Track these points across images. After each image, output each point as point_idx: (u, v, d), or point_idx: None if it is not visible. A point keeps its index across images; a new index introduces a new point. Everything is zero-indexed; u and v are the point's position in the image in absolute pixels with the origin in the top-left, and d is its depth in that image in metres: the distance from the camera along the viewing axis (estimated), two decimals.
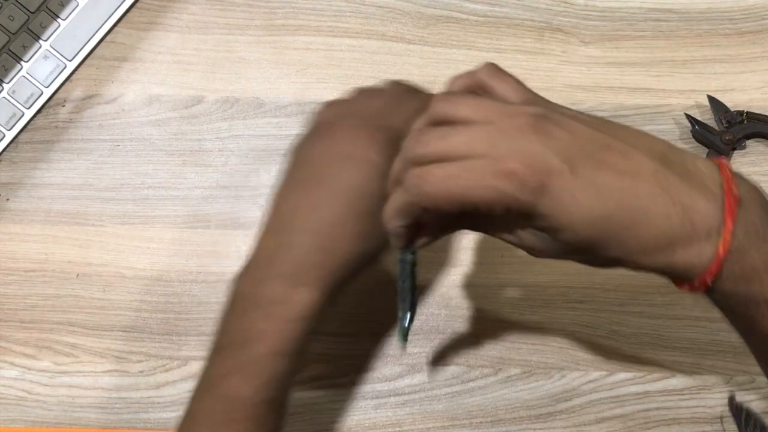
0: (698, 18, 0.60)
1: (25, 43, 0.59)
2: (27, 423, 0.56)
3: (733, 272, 0.35)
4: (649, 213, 0.34)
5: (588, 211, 0.33)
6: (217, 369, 0.42)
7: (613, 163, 0.34)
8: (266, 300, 0.42)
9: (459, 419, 0.55)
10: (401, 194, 0.36)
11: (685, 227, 0.34)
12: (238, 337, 0.42)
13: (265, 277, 0.42)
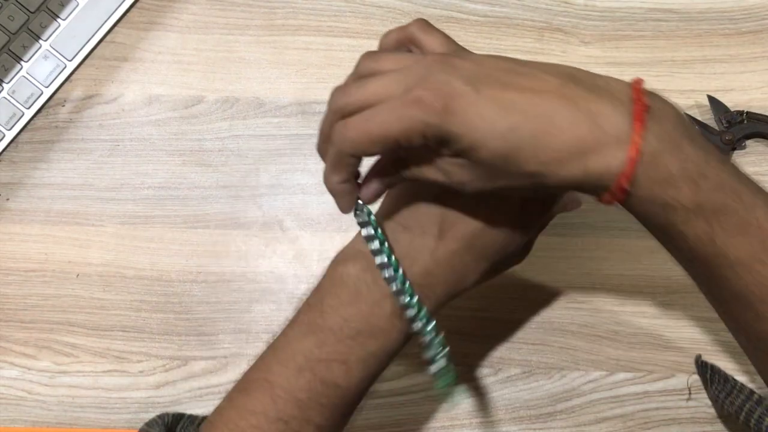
0: (698, 18, 0.60)
1: (25, 43, 0.59)
2: (27, 423, 0.56)
3: (648, 177, 0.35)
4: (555, 121, 0.35)
5: (494, 124, 0.35)
6: (314, 351, 0.41)
7: (517, 82, 0.35)
8: (389, 294, 0.41)
9: (459, 419, 0.55)
10: (331, 149, 0.38)
11: (594, 133, 0.35)
12: (349, 326, 0.41)
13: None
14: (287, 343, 0.42)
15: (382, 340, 0.41)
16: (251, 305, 0.57)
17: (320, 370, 0.41)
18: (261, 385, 0.41)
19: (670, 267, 0.57)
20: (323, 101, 0.59)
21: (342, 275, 0.41)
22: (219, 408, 0.43)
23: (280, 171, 0.59)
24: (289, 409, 0.40)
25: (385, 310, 0.41)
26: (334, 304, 0.41)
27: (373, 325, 0.41)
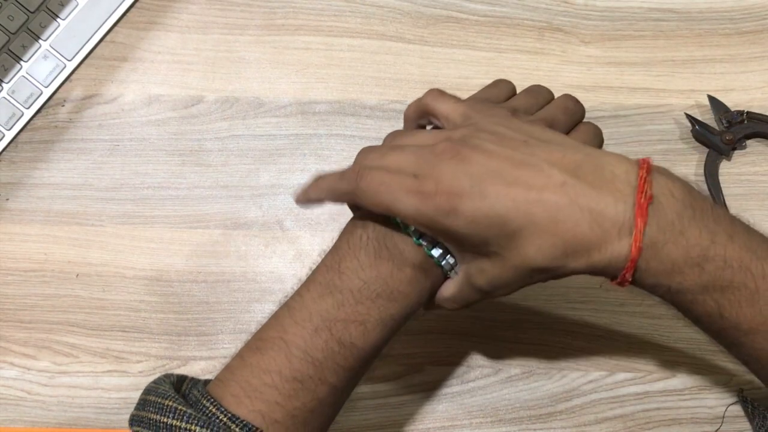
0: (698, 18, 0.60)
1: (24, 43, 0.59)
2: (26, 423, 0.56)
3: (652, 267, 0.38)
4: (558, 220, 0.37)
5: (498, 226, 0.38)
6: (332, 312, 0.41)
7: (523, 180, 0.38)
8: (415, 263, 0.42)
9: (459, 419, 0.55)
10: (343, 181, 0.42)
11: (595, 231, 0.37)
12: (369, 288, 0.41)
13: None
14: (303, 303, 0.42)
15: (401, 303, 0.42)
16: (251, 305, 0.57)
17: (338, 330, 0.41)
18: (276, 344, 0.41)
19: None
20: (323, 101, 0.60)
21: (361, 237, 0.42)
22: (229, 367, 0.43)
23: (280, 171, 0.59)
24: (305, 369, 0.41)
25: (406, 274, 0.41)
26: (352, 266, 0.42)
27: (393, 288, 0.41)
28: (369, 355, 0.42)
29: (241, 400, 0.40)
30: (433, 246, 0.41)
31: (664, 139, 0.59)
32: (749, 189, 0.58)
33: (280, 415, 0.40)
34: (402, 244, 0.42)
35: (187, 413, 0.39)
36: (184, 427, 0.39)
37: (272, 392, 0.40)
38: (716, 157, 0.58)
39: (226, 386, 0.41)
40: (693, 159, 0.58)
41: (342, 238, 0.43)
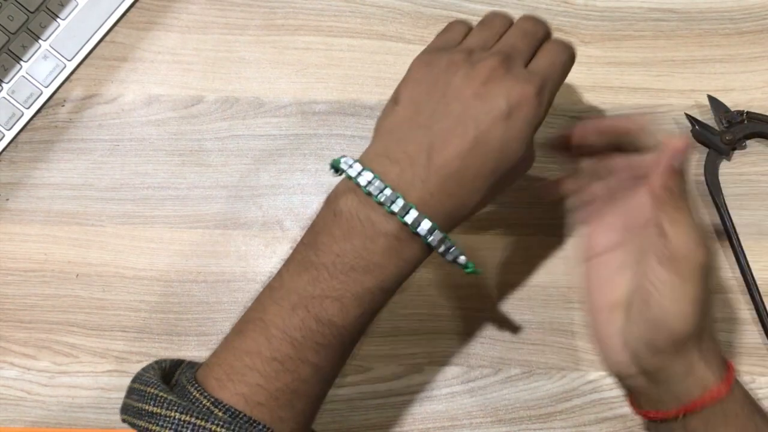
0: (698, 18, 0.60)
1: (24, 43, 0.59)
2: (26, 423, 0.56)
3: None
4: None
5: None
6: (308, 289, 0.41)
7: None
8: (388, 233, 0.41)
9: (459, 419, 0.55)
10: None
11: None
12: (342, 262, 0.41)
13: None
14: (281, 282, 0.42)
15: (377, 275, 0.41)
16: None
17: (314, 307, 0.40)
18: (256, 325, 0.41)
19: None
20: (323, 101, 0.60)
21: (335, 212, 0.42)
22: (215, 351, 0.43)
23: (280, 171, 0.59)
24: (284, 349, 0.40)
25: (380, 244, 0.41)
26: (327, 241, 0.41)
27: (367, 260, 0.41)
28: (349, 333, 0.42)
29: (224, 384, 0.40)
30: (405, 212, 0.40)
31: None
32: (749, 189, 0.58)
33: (263, 398, 0.40)
34: (374, 214, 0.41)
35: (167, 399, 0.39)
36: (164, 414, 0.38)
37: (253, 374, 0.40)
38: (716, 157, 0.58)
39: (210, 370, 0.41)
40: (693, 159, 0.58)
41: (318, 215, 0.43)
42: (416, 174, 0.41)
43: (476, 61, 0.43)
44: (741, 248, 0.56)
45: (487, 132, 0.41)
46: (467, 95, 0.42)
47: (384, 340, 0.56)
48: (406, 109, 0.43)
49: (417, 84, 0.44)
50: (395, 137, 0.43)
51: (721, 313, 0.56)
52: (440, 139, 0.41)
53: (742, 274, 0.56)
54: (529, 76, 0.43)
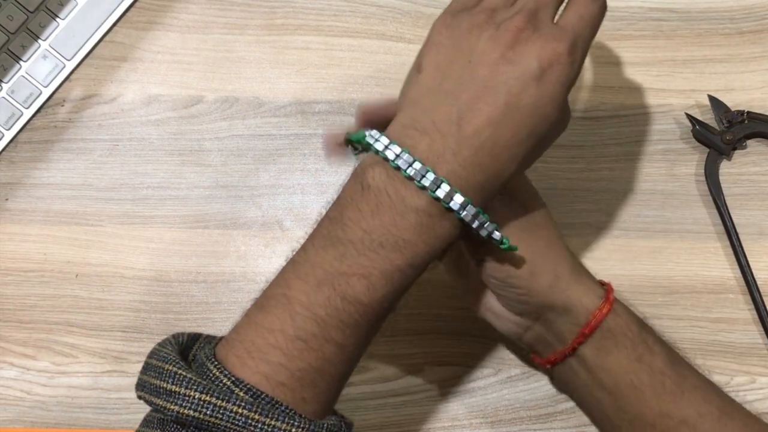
0: (699, 17, 0.60)
1: (24, 43, 0.59)
2: (26, 423, 0.56)
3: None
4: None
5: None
6: (334, 265, 0.39)
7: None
8: (419, 209, 0.39)
9: (459, 419, 0.55)
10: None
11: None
12: (371, 238, 0.39)
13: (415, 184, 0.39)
14: (306, 257, 0.40)
15: (406, 252, 0.39)
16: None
17: (340, 284, 0.39)
18: (279, 301, 0.40)
19: (670, 267, 0.57)
20: (323, 101, 0.60)
21: (362, 186, 0.40)
22: (236, 326, 0.41)
23: (280, 171, 0.59)
24: (308, 326, 0.39)
25: (410, 221, 0.39)
26: (354, 216, 0.39)
27: (397, 237, 0.39)
28: (376, 312, 0.40)
29: (245, 362, 0.38)
30: (437, 187, 0.39)
31: (665, 139, 0.59)
32: (749, 189, 0.58)
33: (285, 377, 0.38)
34: (404, 189, 0.39)
35: (186, 378, 0.37)
36: (183, 393, 0.37)
37: (276, 353, 0.38)
38: (716, 157, 0.58)
39: (230, 347, 0.40)
40: (693, 159, 0.58)
41: (344, 189, 0.41)
42: (446, 145, 0.39)
43: (501, 21, 0.41)
44: (741, 248, 0.56)
45: (518, 97, 0.39)
46: (494, 59, 0.40)
47: (384, 340, 0.56)
48: (431, 77, 0.41)
49: (440, 49, 0.42)
50: (421, 107, 0.41)
51: (721, 313, 0.56)
52: (469, 107, 0.39)
53: (742, 274, 0.56)
54: (559, 33, 0.40)
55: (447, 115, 0.40)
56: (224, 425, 0.36)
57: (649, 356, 0.46)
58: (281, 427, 0.37)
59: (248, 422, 0.36)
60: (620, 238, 0.57)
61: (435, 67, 0.41)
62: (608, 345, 0.46)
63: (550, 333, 0.48)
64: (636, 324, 0.47)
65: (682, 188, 0.58)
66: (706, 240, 0.57)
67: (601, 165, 0.58)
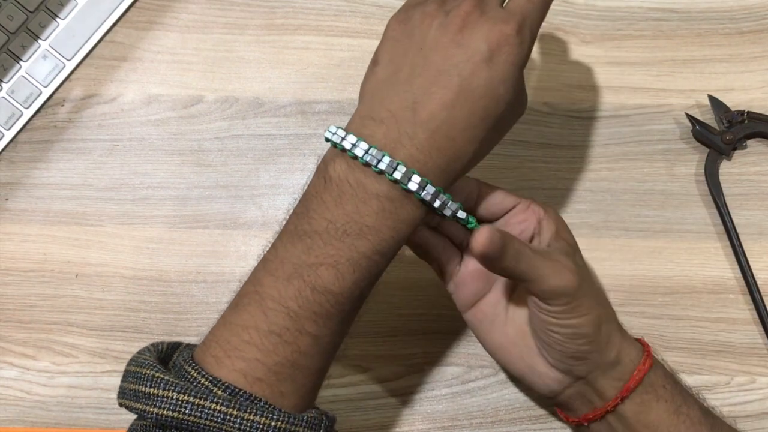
0: (699, 17, 0.60)
1: (24, 43, 0.59)
2: (26, 423, 0.56)
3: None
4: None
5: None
6: (302, 257, 0.40)
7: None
8: (380, 194, 0.40)
9: (459, 420, 0.55)
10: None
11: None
12: (335, 227, 0.40)
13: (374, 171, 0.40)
14: (275, 253, 0.41)
15: (372, 239, 0.40)
16: None
17: (309, 275, 0.39)
18: (252, 299, 0.40)
19: (670, 267, 0.57)
20: (323, 101, 0.60)
21: (325, 179, 0.41)
22: (212, 329, 0.41)
23: (280, 171, 0.59)
24: (281, 320, 0.39)
25: (372, 207, 0.40)
26: (318, 208, 0.40)
27: (361, 224, 0.40)
28: (347, 300, 0.40)
29: (221, 361, 0.39)
30: (393, 170, 0.39)
31: (665, 139, 0.59)
32: (749, 189, 0.58)
33: (262, 373, 0.39)
34: (364, 177, 0.40)
35: (164, 380, 0.38)
36: (162, 394, 0.37)
37: (251, 349, 0.39)
38: (716, 157, 0.58)
39: (207, 348, 0.40)
40: (693, 159, 0.58)
41: (309, 184, 0.42)
42: (402, 131, 0.40)
43: (450, 9, 0.42)
44: (741, 248, 0.56)
45: (470, 78, 0.40)
46: (445, 44, 0.41)
47: (384, 340, 0.56)
48: (386, 69, 0.42)
49: (394, 42, 0.43)
50: (378, 98, 0.42)
51: (721, 313, 0.56)
52: (423, 93, 0.40)
53: (742, 274, 0.56)
54: (506, 15, 0.41)
55: (402, 103, 0.40)
56: (203, 423, 0.37)
57: (686, 408, 0.46)
58: (260, 422, 0.37)
59: (227, 418, 0.37)
60: (620, 238, 0.57)
61: (389, 59, 0.42)
62: (649, 400, 0.45)
63: (591, 390, 0.46)
64: (671, 377, 0.47)
65: (682, 188, 0.58)
66: (706, 240, 0.57)
67: (601, 165, 0.58)
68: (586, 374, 0.46)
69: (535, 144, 0.59)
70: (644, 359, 0.46)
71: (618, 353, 0.45)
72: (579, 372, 0.46)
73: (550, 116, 0.59)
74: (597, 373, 0.46)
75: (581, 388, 0.46)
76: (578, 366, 0.45)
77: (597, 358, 0.45)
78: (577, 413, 0.48)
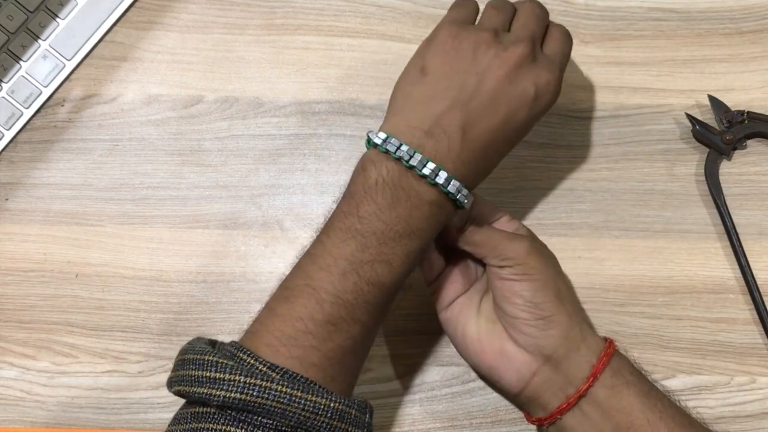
0: (699, 17, 0.60)
1: (24, 43, 0.59)
2: (26, 423, 0.56)
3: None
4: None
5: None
6: (357, 255, 0.43)
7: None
8: (432, 201, 0.44)
9: (459, 420, 0.55)
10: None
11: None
12: (391, 229, 0.44)
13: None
14: (325, 249, 0.44)
15: (421, 238, 0.45)
16: (251, 305, 0.57)
17: (365, 271, 0.43)
18: (304, 291, 0.43)
19: (670, 267, 0.57)
20: (323, 101, 0.60)
21: (376, 181, 0.44)
22: (260, 318, 0.44)
23: (280, 171, 0.59)
24: (337, 311, 0.43)
25: (424, 212, 0.44)
26: (371, 209, 0.44)
27: (414, 226, 0.44)
28: (395, 289, 0.45)
29: (277, 349, 0.42)
30: (448, 183, 0.44)
31: (665, 139, 0.59)
32: (749, 189, 0.58)
33: (317, 359, 0.42)
34: (417, 184, 0.44)
35: (228, 365, 0.40)
36: (228, 378, 0.40)
37: (307, 338, 0.42)
38: (716, 157, 0.58)
39: (259, 337, 0.43)
40: (693, 159, 0.58)
41: (356, 183, 0.45)
42: (451, 148, 0.45)
43: (507, 43, 0.47)
44: (741, 248, 0.56)
45: (515, 113, 0.46)
46: (500, 76, 0.46)
47: (384, 340, 0.56)
48: (437, 82, 0.46)
49: (446, 56, 0.47)
50: (428, 109, 0.45)
51: (721, 313, 0.56)
52: (474, 117, 0.45)
53: (742, 274, 0.56)
54: (550, 64, 0.47)
55: (454, 121, 0.45)
56: (270, 404, 0.39)
57: (654, 392, 0.47)
58: (321, 402, 0.40)
59: (292, 399, 0.40)
60: (620, 238, 0.57)
61: (441, 72, 0.46)
62: (619, 384, 0.47)
63: (561, 375, 0.47)
64: (636, 366, 0.49)
65: (682, 188, 0.58)
66: (706, 240, 0.57)
67: (601, 165, 0.58)
68: (553, 352, 0.47)
69: (535, 144, 0.59)
70: (608, 344, 0.48)
71: (582, 331, 0.48)
72: (546, 348, 0.47)
73: (550, 116, 0.59)
74: (563, 352, 0.47)
75: (550, 375, 0.47)
76: (544, 340, 0.47)
77: (561, 330, 0.47)
78: (548, 408, 0.48)
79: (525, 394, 0.49)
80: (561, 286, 0.48)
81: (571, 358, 0.47)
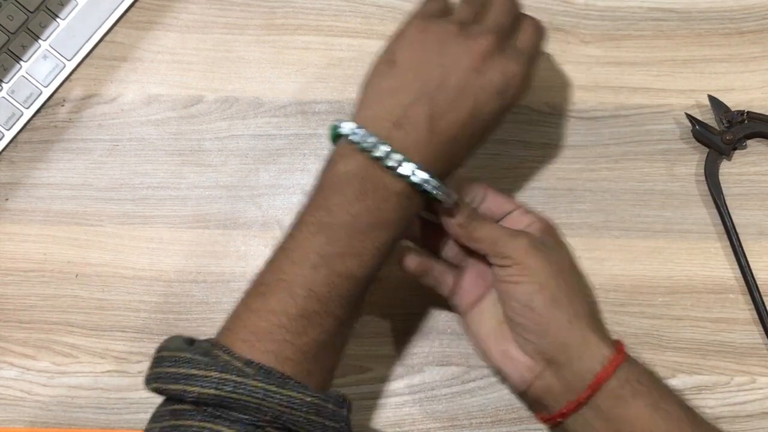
0: (699, 17, 0.60)
1: (24, 43, 0.59)
2: (26, 423, 0.56)
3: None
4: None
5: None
6: (326, 248, 0.43)
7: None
8: (399, 192, 0.44)
9: (459, 420, 0.55)
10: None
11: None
12: (360, 221, 0.44)
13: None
14: (297, 243, 0.44)
15: (391, 230, 0.45)
16: None
17: (336, 264, 0.43)
18: (278, 286, 0.43)
19: (670, 267, 0.57)
20: (323, 101, 0.60)
21: (344, 174, 0.44)
22: (234, 314, 0.44)
23: (280, 171, 0.59)
24: (310, 305, 0.43)
25: (392, 203, 0.44)
26: (340, 202, 0.44)
27: (383, 218, 0.44)
28: (366, 282, 0.45)
29: (253, 344, 0.42)
30: (412, 174, 0.44)
31: (665, 139, 0.59)
32: (749, 189, 0.58)
33: (291, 353, 0.42)
34: (384, 176, 0.44)
35: (203, 361, 0.40)
36: (203, 374, 0.40)
37: (281, 332, 0.42)
38: (716, 157, 0.58)
39: (235, 333, 0.43)
40: (693, 159, 0.58)
41: (325, 175, 0.45)
42: (419, 139, 0.44)
43: (474, 35, 0.46)
44: (741, 248, 0.56)
45: (483, 105, 0.45)
46: (466, 67, 0.45)
47: (384, 340, 0.56)
48: (405, 74, 0.46)
49: (414, 48, 0.46)
50: (396, 101, 0.45)
51: (721, 313, 0.56)
52: (442, 108, 0.45)
53: (742, 274, 0.56)
54: (519, 56, 0.47)
55: (421, 113, 0.45)
56: (245, 400, 0.39)
57: (665, 404, 0.46)
58: (296, 397, 0.41)
59: (267, 394, 0.40)
60: (620, 238, 0.57)
61: (409, 65, 0.46)
62: (625, 395, 0.45)
63: (561, 381, 0.46)
64: (649, 373, 0.47)
65: (682, 188, 0.58)
66: (706, 240, 0.57)
67: (601, 165, 0.58)
68: (553, 357, 0.46)
69: (535, 144, 0.59)
70: (617, 352, 0.46)
71: (583, 338, 0.46)
72: (546, 353, 0.46)
73: (550, 116, 0.59)
74: (564, 359, 0.46)
75: (551, 380, 0.47)
76: (542, 345, 0.46)
77: (558, 337, 0.46)
78: (551, 411, 0.48)
79: (529, 395, 0.48)
80: (560, 289, 0.47)
81: (573, 365, 0.46)
